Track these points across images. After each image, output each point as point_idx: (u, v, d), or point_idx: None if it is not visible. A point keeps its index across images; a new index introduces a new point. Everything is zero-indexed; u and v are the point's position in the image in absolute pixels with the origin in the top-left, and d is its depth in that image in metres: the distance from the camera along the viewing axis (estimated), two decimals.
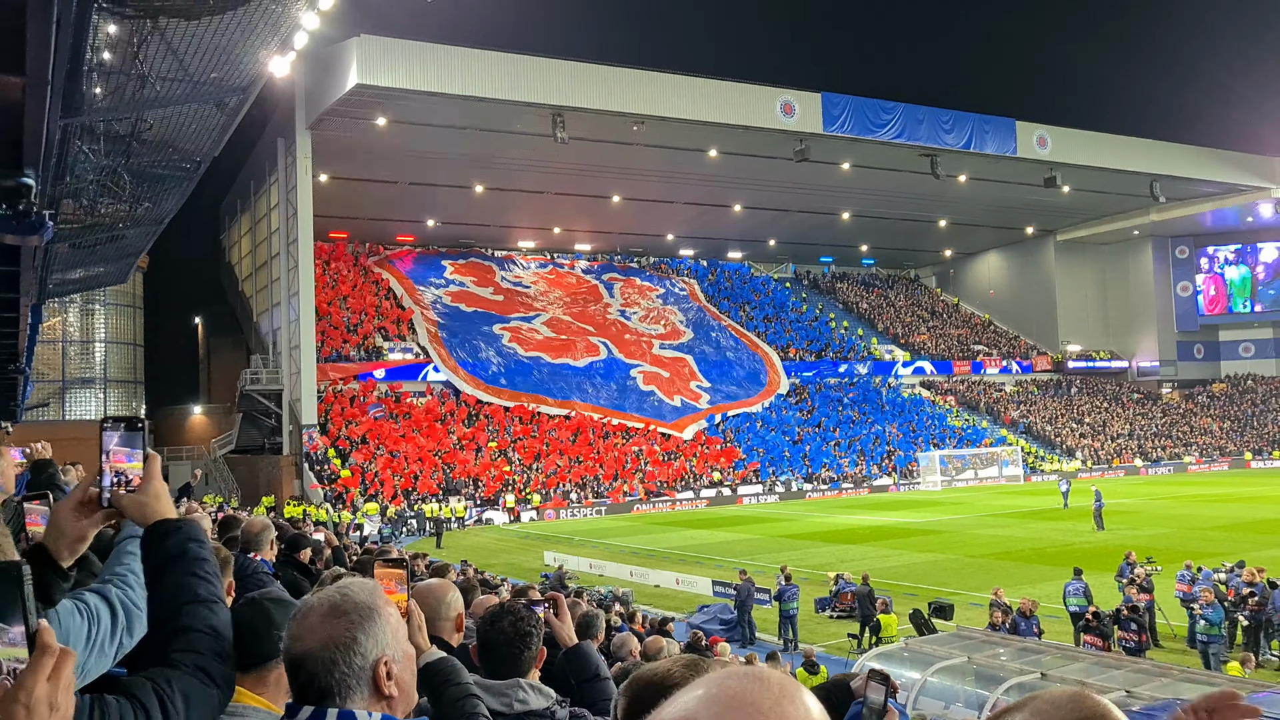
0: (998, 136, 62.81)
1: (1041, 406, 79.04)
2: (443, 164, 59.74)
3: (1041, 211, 78.81)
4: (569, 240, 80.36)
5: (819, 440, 65.25)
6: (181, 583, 2.37)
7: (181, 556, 2.40)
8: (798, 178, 64.88)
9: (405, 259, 73.51)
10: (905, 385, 78.24)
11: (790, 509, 52.16)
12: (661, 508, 54.42)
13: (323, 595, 2.15)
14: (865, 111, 58.76)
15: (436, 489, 50.99)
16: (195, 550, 2.43)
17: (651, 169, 62.67)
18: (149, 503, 2.48)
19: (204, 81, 8.70)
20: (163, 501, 2.51)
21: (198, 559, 2.42)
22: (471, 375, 61.83)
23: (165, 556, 2.40)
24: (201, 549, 2.44)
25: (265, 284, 62.39)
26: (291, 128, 53.68)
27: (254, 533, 5.66)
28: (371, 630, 2.09)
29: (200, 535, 2.47)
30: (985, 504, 49.55)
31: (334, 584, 2.21)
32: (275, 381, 57.02)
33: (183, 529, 2.45)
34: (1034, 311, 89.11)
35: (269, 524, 5.86)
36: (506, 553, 38.53)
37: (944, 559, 31.53)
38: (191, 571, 2.39)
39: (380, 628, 2.11)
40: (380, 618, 2.12)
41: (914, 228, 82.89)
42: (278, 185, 58.13)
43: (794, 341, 78.14)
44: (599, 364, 67.14)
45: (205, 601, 2.37)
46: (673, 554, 35.38)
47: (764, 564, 30.86)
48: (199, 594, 2.37)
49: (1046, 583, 25.38)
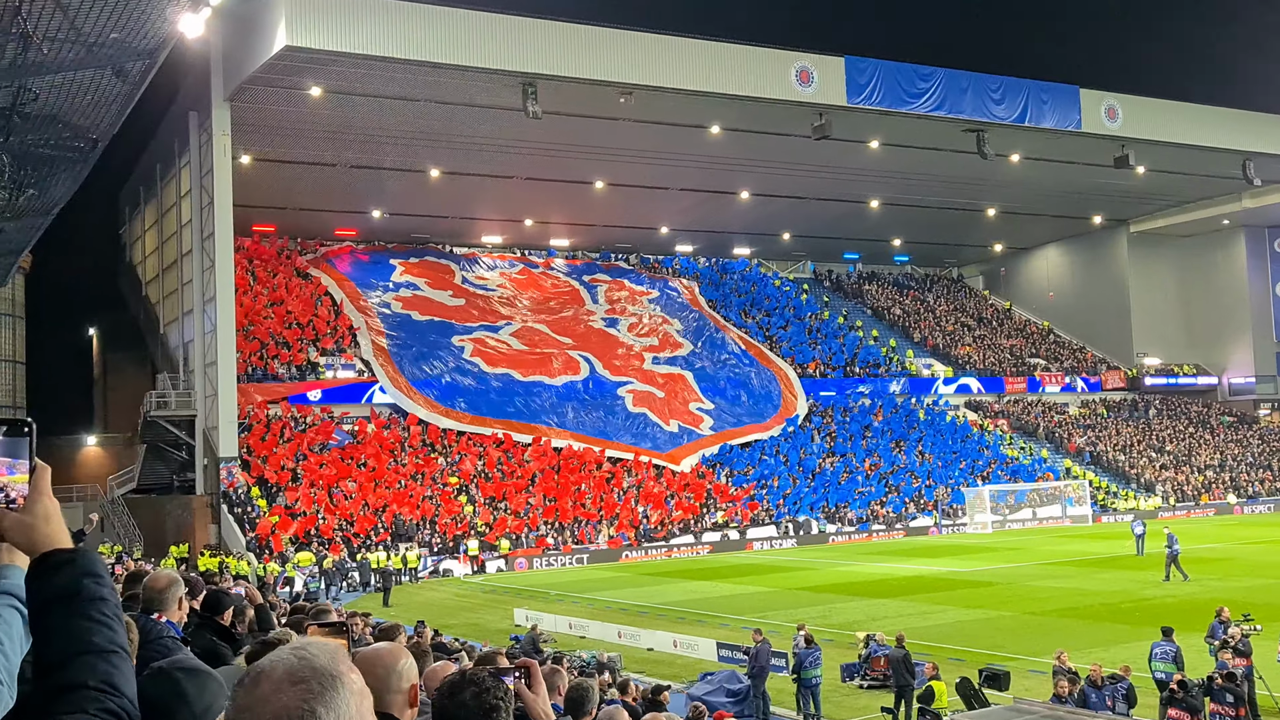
0: (1058, 107, 63.13)
1: (1113, 432, 79.21)
2: (390, 143, 59.75)
3: (1111, 197, 79.20)
4: (543, 235, 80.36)
5: (844, 473, 65.29)
6: (73, 627, 2.29)
7: (74, 595, 2.32)
8: (817, 159, 65.10)
9: (345, 257, 73.51)
10: (948, 407, 78.36)
11: (810, 556, 52.07)
12: (655, 555, 54.31)
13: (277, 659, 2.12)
14: (897, 78, 59.03)
15: (384, 534, 50.85)
16: (92, 588, 2.35)
17: (642, 149, 62.81)
18: (36, 525, 2.41)
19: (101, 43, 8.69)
20: (53, 524, 2.42)
21: (95, 599, 2.34)
22: (426, 397, 61.75)
23: (53, 594, 2.32)
24: (99, 586, 2.37)
25: (175, 288, 62.21)
26: (206, 99, 53.68)
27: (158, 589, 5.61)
28: (333, 702, 2.06)
29: (98, 569, 2.39)
30: (1046, 550, 49.57)
31: (290, 646, 2.21)
32: (187, 406, 56.81)
33: (77, 561, 2.38)
34: (1103, 317, 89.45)
35: (176, 578, 5.81)
36: (468, 610, 38.33)
37: (997, 616, 31.49)
38: (86, 614, 2.32)
39: (344, 700, 2.07)
40: (343, 687, 2.08)
41: (957, 218, 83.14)
42: (190, 168, 58.03)
43: (813, 354, 78.28)
44: (579, 382, 67.14)
45: (102, 652, 2.30)
46: (669, 611, 35.25)
47: (779, 622, 30.77)
48: (94, 642, 2.30)
49: (1121, 645, 25.37)
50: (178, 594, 5.66)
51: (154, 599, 5.56)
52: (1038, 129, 63.22)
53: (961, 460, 69.50)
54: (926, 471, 67.06)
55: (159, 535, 55.17)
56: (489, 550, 52.00)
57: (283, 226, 71.74)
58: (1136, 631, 26.92)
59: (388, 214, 72.00)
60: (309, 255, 72.51)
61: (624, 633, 30.26)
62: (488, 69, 50.53)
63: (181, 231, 60.46)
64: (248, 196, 58.86)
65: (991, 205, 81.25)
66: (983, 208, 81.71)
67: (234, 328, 55.39)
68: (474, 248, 79.42)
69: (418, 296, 71.40)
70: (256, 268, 68.43)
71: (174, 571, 6.30)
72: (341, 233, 74.76)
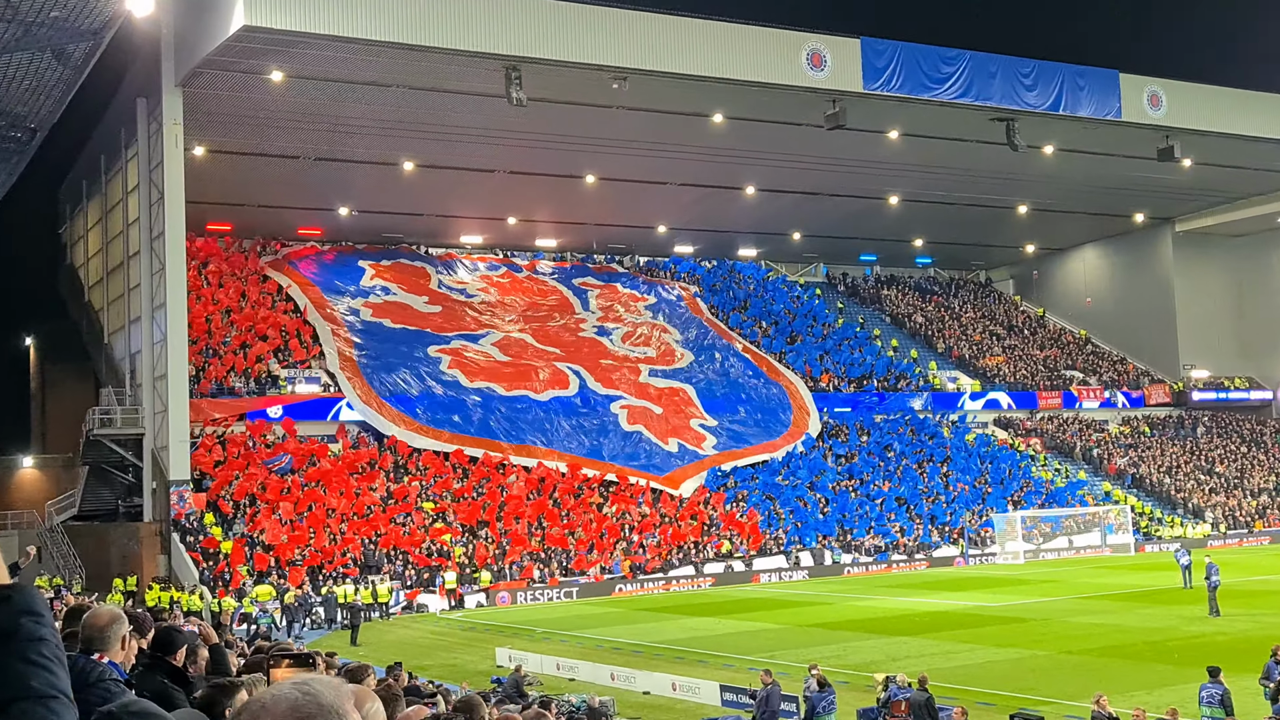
0: (1096, 94, 63.27)
1: (1157, 452, 79.22)
2: (360, 133, 59.79)
3: (1155, 193, 79.34)
4: (528, 234, 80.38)
5: (861, 498, 65.27)
6: (9, 670, 2.30)
7: (11, 635, 2.33)
8: (830, 151, 65.20)
9: (310, 259, 73.49)
10: (975, 424, 78.37)
11: (823, 589, 52.02)
12: (652, 588, 54.25)
13: (279, 693, 2.17)
14: (919, 62, 59.15)
15: (353, 566, 50.74)
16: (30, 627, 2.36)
17: (637, 140, 62.88)
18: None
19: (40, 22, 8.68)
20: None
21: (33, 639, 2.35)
22: (399, 412, 61.69)
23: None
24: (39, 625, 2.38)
25: (121, 293, 62.15)
26: (157, 84, 53.69)
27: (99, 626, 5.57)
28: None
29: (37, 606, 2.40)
30: (1084, 582, 49.55)
31: (293, 681, 2.24)
32: (134, 423, 56.71)
33: (14, 598, 2.39)
34: (1146, 325, 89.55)
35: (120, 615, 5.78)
36: (445, 650, 38.28)
37: (1029, 656, 31.47)
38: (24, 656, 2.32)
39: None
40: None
41: (985, 216, 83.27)
42: (138, 161, 58.02)
43: (826, 366, 78.31)
44: (568, 398, 67.11)
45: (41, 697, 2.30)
46: (668, 650, 35.21)
47: (789, 663, 30.72)
48: (33, 687, 2.30)
49: (1167, 687, 25.35)
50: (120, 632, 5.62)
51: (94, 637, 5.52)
52: (1074, 118, 63.33)
53: (990, 484, 69.45)
54: (951, 496, 67.03)
55: (103, 567, 54.98)
56: (468, 583, 51.88)
57: (240, 225, 71.69)
58: (1183, 672, 26.89)
59: (356, 211, 71.97)
60: (269, 256, 72.47)
61: (617, 674, 30.20)
62: (467, 51, 50.57)
63: (128, 230, 60.39)
64: (202, 192, 58.79)
65: (1023, 202, 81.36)
66: (1013, 205, 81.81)
67: (186, 337, 55.27)
68: (452, 249, 79.38)
69: (389, 302, 71.37)
70: (211, 271, 68.39)
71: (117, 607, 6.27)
72: (305, 232, 74.73)
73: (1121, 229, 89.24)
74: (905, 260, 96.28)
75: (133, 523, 56.27)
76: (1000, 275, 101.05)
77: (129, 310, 60.41)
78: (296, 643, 31.93)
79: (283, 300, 68.59)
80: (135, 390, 58.49)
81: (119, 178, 62.56)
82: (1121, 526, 65.65)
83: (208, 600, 45.45)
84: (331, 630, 44.90)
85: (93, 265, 70.40)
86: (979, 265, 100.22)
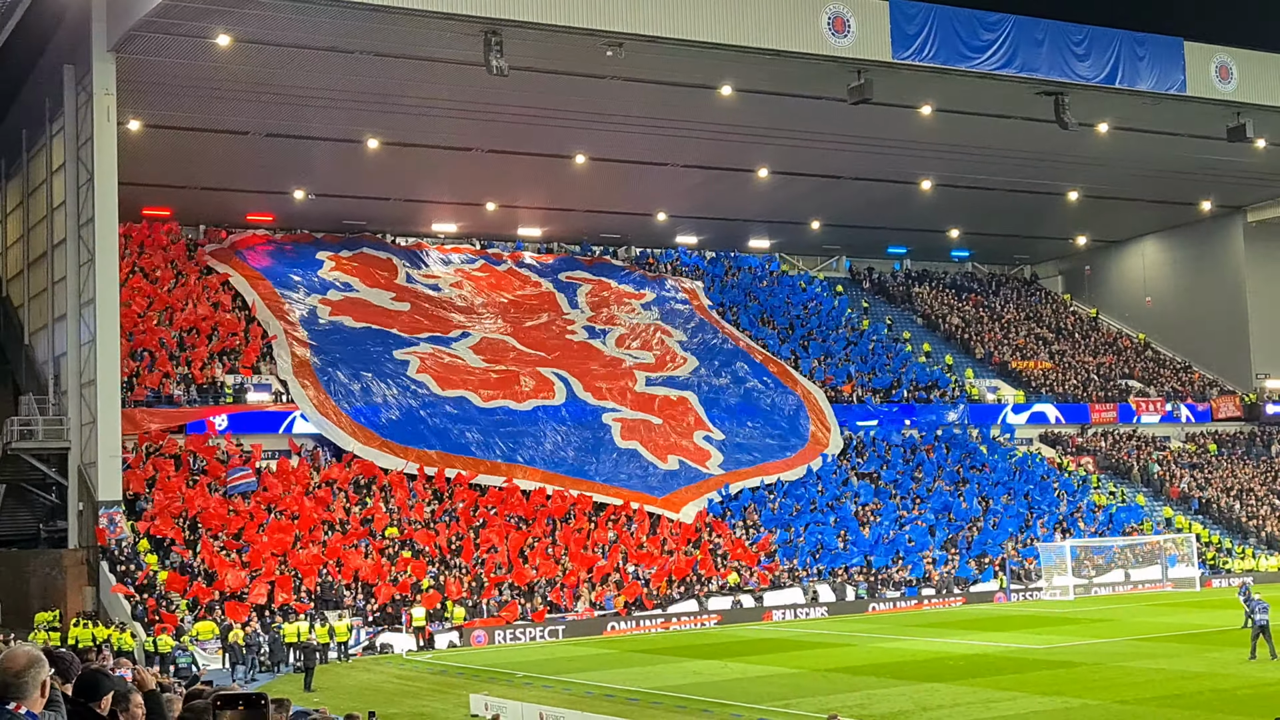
0: (1158, 65, 63.30)
1: (1226, 473, 79.25)
2: (318, 106, 59.76)
3: (1224, 178, 79.44)
4: (509, 222, 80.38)
5: (888, 524, 65.31)
6: None
7: None
8: (854, 128, 65.26)
9: (260, 249, 73.49)
10: (1018, 441, 78.41)
11: (845, 628, 51.98)
12: (650, 627, 54.25)
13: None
14: (955, 26, 59.19)
15: (307, 600, 50.67)
16: None
17: (635, 115, 62.93)
18: None
19: None
20: None
21: None
22: (360, 426, 61.66)
23: None
24: None
25: (43, 287, 62.07)
26: (86, 49, 53.66)
27: (14, 671, 5.56)
28: None
29: None
30: (1141, 621, 49.53)
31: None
32: (58, 436, 56.60)
33: None
34: (1213, 329, 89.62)
35: (38, 657, 5.76)
36: (413, 696, 38.20)
37: (1080, 706, 31.43)
38: None
39: None
40: None
41: (1030, 204, 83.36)
42: (64, 137, 57.91)
43: (849, 374, 78.36)
44: (554, 407, 67.11)
45: None
46: (667, 697, 35.16)
47: (806, 712, 30.72)
48: None
49: None
50: (40, 677, 5.61)
51: (10, 684, 5.51)
52: (1132, 92, 63.33)
53: (1035, 509, 69.50)
54: (991, 523, 67.05)
55: (21, 599, 54.83)
56: (438, 620, 51.81)
57: (181, 210, 71.67)
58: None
59: (313, 195, 71.97)
60: (214, 246, 72.45)
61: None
62: (441, 12, 50.51)
63: (53, 216, 60.30)
64: (137, 172, 58.77)
65: (1073, 188, 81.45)
66: (1063, 191, 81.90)
67: (118, 338, 55.21)
68: (422, 238, 79.40)
69: (350, 299, 71.36)
70: (147, 262, 68.36)
71: (36, 648, 6.25)
72: (255, 218, 74.73)
73: (1186, 219, 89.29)
74: (939, 254, 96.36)
75: (56, 550, 56.09)
76: (1047, 271, 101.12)
77: (53, 307, 60.28)
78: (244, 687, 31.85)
79: (229, 296, 68.53)
80: (60, 398, 58.33)
81: (42, 155, 62.43)
82: (1185, 558, 65.64)
83: (140, 639, 45.34)
84: (282, 674, 44.79)
85: (11, 255, 70.27)
86: (1023, 260, 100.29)
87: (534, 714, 32.15)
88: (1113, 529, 68.77)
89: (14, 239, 69.56)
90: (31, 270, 65.36)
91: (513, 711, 31.73)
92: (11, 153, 68.65)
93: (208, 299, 67.51)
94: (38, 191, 63.81)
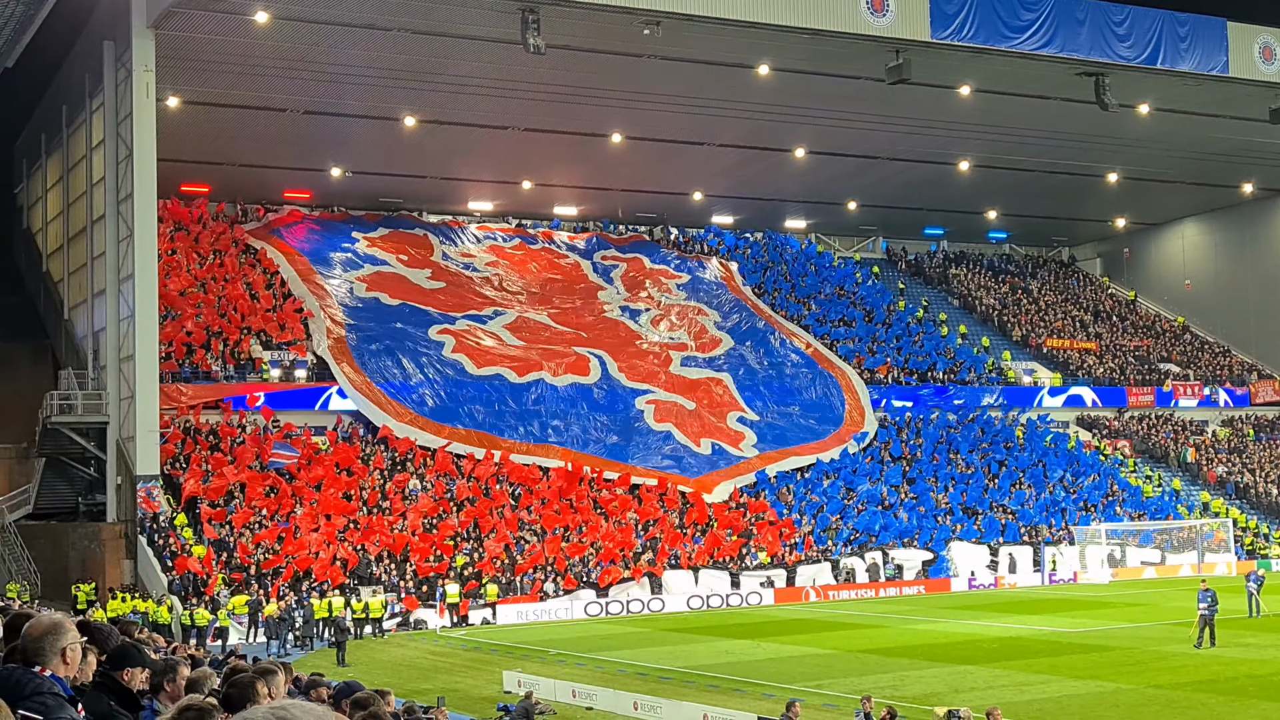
0: (1200, 45, 62.81)
1: (1265, 458, 78.68)
2: (355, 83, 59.88)
3: (1266, 160, 78.77)
4: (545, 200, 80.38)
5: (922, 506, 65.12)
6: None
7: None
8: (892, 108, 64.98)
9: (297, 227, 73.70)
10: (1055, 424, 78.06)
11: (877, 609, 51.93)
12: (680, 607, 54.27)
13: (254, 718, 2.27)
14: (995, 6, 58.81)
15: (341, 575, 50.84)
16: None
17: (670, 94, 62.77)
18: None
19: None
20: None
21: None
22: (396, 402, 61.84)
23: None
24: None
25: (83, 262, 62.45)
26: (126, 25, 53.85)
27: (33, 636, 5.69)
28: None
29: None
30: (1177, 606, 49.20)
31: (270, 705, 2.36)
32: (97, 411, 57.01)
33: None
34: (1254, 312, 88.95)
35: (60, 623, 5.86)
36: (446, 672, 38.34)
37: (1114, 690, 31.30)
38: None
39: None
40: None
41: (1069, 185, 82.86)
42: (104, 113, 58.22)
43: (885, 355, 78.11)
44: (588, 387, 67.13)
45: None
46: (699, 675, 35.18)
47: (837, 692, 30.65)
48: None
49: None
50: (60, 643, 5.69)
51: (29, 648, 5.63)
52: (1173, 72, 62.88)
53: (1071, 492, 69.19)
54: (1026, 504, 66.80)
55: (59, 572, 55.34)
56: (474, 597, 51.94)
57: (219, 187, 71.96)
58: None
59: (350, 172, 72.19)
60: (251, 223, 72.71)
61: (641, 703, 30.14)
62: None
63: (92, 192, 60.64)
64: (176, 149, 59.04)
65: (1113, 169, 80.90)
66: (1102, 173, 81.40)
67: (157, 313, 55.56)
68: (458, 216, 79.48)
69: (386, 276, 71.50)
70: (186, 239, 68.65)
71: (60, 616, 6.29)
72: (292, 195, 74.95)
73: (1227, 201, 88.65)
74: (977, 235, 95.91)
75: (94, 523, 56.54)
76: (1086, 254, 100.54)
77: (92, 282, 60.67)
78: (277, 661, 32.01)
79: (266, 273, 68.78)
80: (99, 373, 58.76)
81: (82, 131, 62.78)
82: (1222, 543, 65.23)
83: (177, 612, 45.65)
84: (315, 649, 45.01)
85: (51, 230, 70.73)
86: (1062, 242, 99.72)
87: (566, 691, 32.20)
88: (1148, 514, 68.40)
89: (54, 214, 70.00)
90: (71, 245, 65.78)
91: (545, 688, 31.78)
92: (52, 129, 69.08)
93: (245, 276, 67.77)
94: (77, 167, 64.17)
